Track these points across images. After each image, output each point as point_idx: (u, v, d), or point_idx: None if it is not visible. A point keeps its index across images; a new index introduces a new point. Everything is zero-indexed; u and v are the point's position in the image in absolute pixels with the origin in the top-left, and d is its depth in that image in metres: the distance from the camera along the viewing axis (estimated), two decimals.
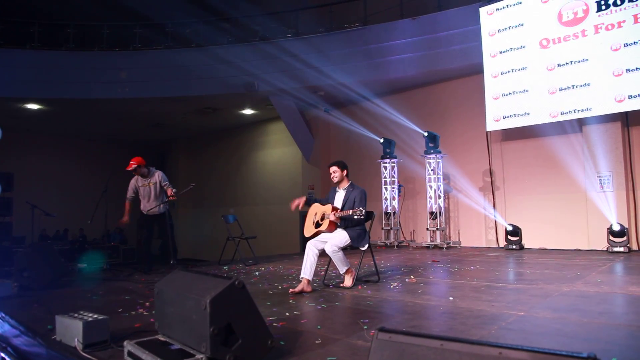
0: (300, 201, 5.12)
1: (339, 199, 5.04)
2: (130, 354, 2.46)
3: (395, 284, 5.11)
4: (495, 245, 9.53)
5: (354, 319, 3.56)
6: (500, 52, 9.20)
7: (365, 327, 3.26)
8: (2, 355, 3.58)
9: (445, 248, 8.88)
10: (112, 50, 11.81)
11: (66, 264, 5.73)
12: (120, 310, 3.93)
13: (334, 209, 4.92)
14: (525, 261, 6.92)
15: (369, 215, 5.25)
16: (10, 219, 6.75)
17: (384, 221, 10.05)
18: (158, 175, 6.64)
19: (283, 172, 15.24)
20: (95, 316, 2.81)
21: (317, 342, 2.89)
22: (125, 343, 2.52)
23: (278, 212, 14.90)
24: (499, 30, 9.20)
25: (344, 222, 4.94)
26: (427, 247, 9.12)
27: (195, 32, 12.11)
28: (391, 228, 9.95)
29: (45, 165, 15.58)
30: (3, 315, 3.78)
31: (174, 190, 6.59)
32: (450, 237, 10.20)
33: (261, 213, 15.56)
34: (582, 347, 2.79)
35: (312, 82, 11.32)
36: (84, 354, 2.57)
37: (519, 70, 8.96)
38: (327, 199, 5.20)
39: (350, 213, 4.72)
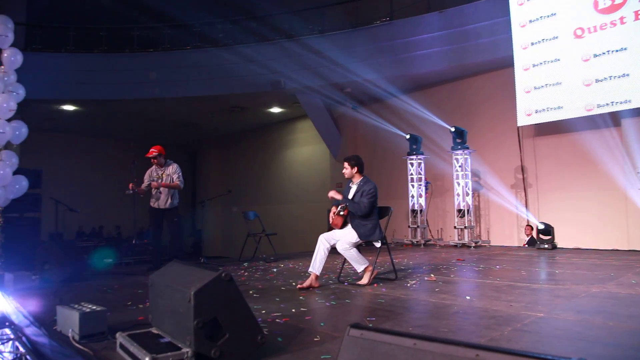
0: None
1: (352, 193, 4.94)
2: (121, 345, 2.44)
3: (413, 282, 4.95)
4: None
5: (360, 316, 3.45)
6: (532, 44, 8.81)
7: (370, 325, 3.14)
8: (17, 344, 3.67)
9: (473, 247, 8.59)
10: (141, 51, 12.05)
11: (87, 259, 5.85)
12: (129, 303, 3.95)
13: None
14: (555, 261, 6.59)
15: (386, 211, 5.11)
16: (38, 214, 6.97)
17: (410, 219, 9.82)
18: (172, 168, 6.52)
19: (311, 170, 15.20)
20: (94, 307, 2.81)
21: (315, 339, 2.79)
22: (117, 335, 2.49)
23: (307, 209, 14.88)
24: (530, 21, 8.82)
25: (352, 218, 4.83)
26: (455, 246, 8.85)
27: (222, 31, 12.22)
28: (418, 226, 9.72)
29: (80, 165, 16.04)
30: (18, 305, 3.86)
31: (163, 182, 6.37)
32: (479, 235, 9.88)
33: (290, 211, 15.58)
34: (602, 352, 2.59)
35: (339, 79, 11.21)
36: (76, 344, 2.57)
37: (552, 62, 8.55)
38: (344, 194, 5.12)
39: (339, 209, 4.65)
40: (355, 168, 4.96)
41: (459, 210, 8.94)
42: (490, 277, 5.22)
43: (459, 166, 9.03)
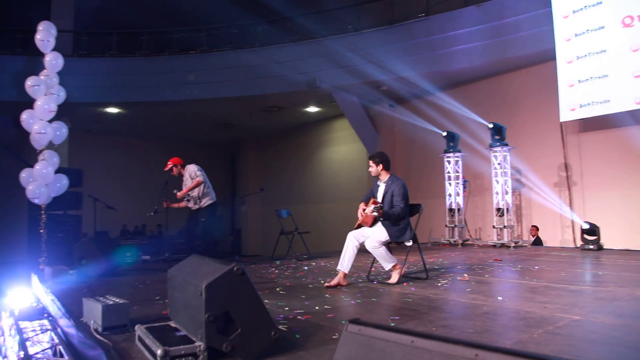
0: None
1: (380, 192, 4.85)
2: (139, 337, 2.47)
3: (445, 282, 4.81)
4: (572, 246, 8.75)
5: (384, 315, 3.37)
6: (576, 35, 8.41)
7: (393, 324, 3.06)
8: (52, 335, 3.82)
9: (513, 247, 8.28)
10: (180, 54, 12.34)
11: (121, 255, 6.03)
12: (157, 297, 4.02)
13: (374, 202, 4.74)
14: (600, 262, 6.25)
15: (416, 209, 5.00)
16: (80, 212, 7.27)
17: (447, 218, 9.58)
18: (187, 171, 6.47)
19: (348, 169, 15.13)
20: (117, 300, 2.87)
21: (334, 337, 2.74)
22: (136, 327, 2.54)
23: (344, 209, 14.80)
24: (573, 11, 8.42)
25: (384, 217, 4.73)
26: (494, 246, 8.56)
27: (258, 32, 12.35)
28: (455, 225, 9.46)
29: (124, 165, 16.62)
30: (54, 298, 4.02)
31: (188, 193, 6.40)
32: (520, 235, 9.53)
33: (328, 210, 15.57)
34: None
35: (375, 77, 11.08)
36: (97, 335, 2.63)
37: (598, 53, 8.12)
38: (372, 192, 5.04)
39: (372, 209, 4.53)
40: (381, 165, 4.87)
41: (498, 209, 8.64)
42: (527, 277, 5.01)
43: (498, 164, 8.73)
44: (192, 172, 6.40)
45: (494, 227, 8.72)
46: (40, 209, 5.63)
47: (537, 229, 9.27)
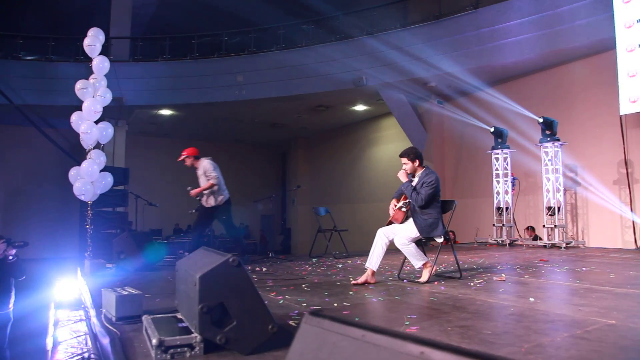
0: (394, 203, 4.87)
1: (413, 185, 4.73)
2: (145, 328, 2.54)
3: (479, 281, 4.59)
4: (633, 247, 8.13)
5: (402, 313, 3.26)
6: (638, 21, 7.80)
7: (407, 322, 2.96)
8: (85, 324, 4.03)
9: (564, 247, 7.79)
10: (229, 56, 12.65)
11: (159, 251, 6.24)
12: None
13: (404, 198, 4.62)
14: None
15: (449, 205, 4.82)
16: (126, 209, 7.60)
17: (495, 217, 9.19)
18: (202, 167, 6.28)
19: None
20: (132, 291, 2.96)
21: None
22: (143, 318, 2.60)
23: None
24: None
25: (413, 212, 4.59)
26: (544, 246, 8.11)
27: (304, 32, 12.44)
28: (503, 225, 9.05)
29: (176, 165, 17.22)
30: (87, 290, 4.22)
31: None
32: (575, 236, 8.96)
33: (376, 209, 15.37)
34: None
35: (422, 74, 10.84)
36: (106, 324, 2.73)
37: None
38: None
39: (401, 204, 4.41)
40: (417, 161, 4.74)
41: (549, 208, 8.18)
42: (570, 279, 4.69)
43: (549, 160, 8.26)
44: (207, 170, 6.20)
45: (544, 226, 8.26)
46: (88, 206, 5.95)
47: (534, 230, 9.27)
